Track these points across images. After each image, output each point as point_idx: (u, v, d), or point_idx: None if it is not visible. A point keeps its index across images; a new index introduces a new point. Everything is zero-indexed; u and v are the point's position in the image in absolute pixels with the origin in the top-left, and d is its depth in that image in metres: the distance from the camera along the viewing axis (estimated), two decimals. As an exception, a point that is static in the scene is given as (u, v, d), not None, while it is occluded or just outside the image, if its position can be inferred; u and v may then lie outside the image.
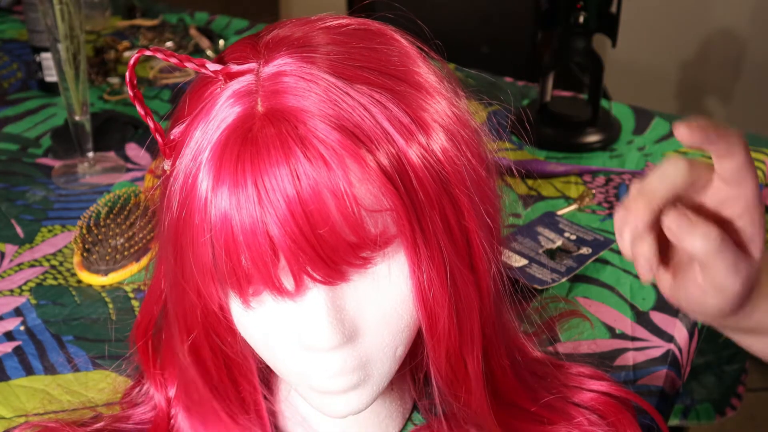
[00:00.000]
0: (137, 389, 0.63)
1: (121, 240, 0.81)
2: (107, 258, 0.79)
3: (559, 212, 0.87)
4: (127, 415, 0.62)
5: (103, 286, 0.79)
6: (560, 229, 0.85)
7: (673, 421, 1.03)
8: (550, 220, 0.87)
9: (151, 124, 0.49)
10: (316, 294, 0.46)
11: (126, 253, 0.80)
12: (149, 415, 0.62)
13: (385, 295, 0.48)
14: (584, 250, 0.82)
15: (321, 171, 0.43)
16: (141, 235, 0.81)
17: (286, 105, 0.44)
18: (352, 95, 0.44)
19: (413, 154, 0.45)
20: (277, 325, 0.49)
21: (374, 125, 0.44)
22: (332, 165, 0.43)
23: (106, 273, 0.79)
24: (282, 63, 0.46)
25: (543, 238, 0.84)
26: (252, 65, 0.46)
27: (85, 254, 0.80)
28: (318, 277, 0.45)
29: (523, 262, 0.80)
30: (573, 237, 0.84)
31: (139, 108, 0.49)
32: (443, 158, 0.47)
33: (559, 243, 0.83)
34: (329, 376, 0.49)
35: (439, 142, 0.47)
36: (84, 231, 0.82)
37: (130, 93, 0.49)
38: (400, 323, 0.49)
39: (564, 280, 0.78)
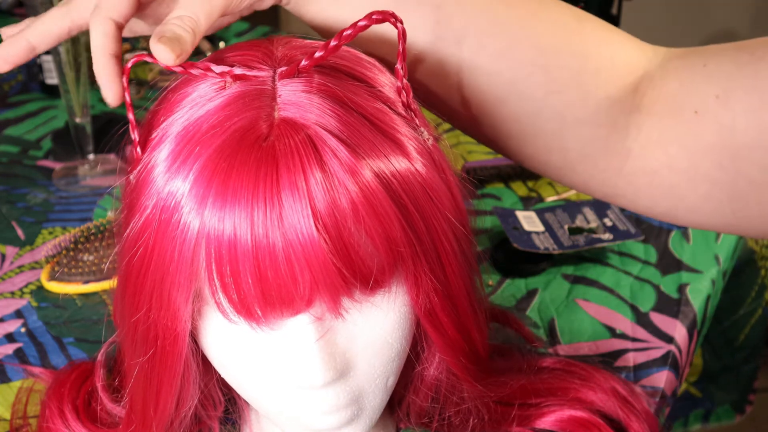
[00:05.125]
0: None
1: (91, 257, 0.80)
2: (73, 271, 0.79)
3: (549, 198, 0.88)
4: None
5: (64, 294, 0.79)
6: (604, 214, 0.86)
7: (695, 426, 1.03)
8: (604, 205, 0.88)
9: (134, 136, 0.47)
10: (307, 328, 0.44)
11: (94, 268, 0.80)
12: None
13: (375, 325, 0.47)
14: (606, 236, 0.82)
15: (339, 189, 0.41)
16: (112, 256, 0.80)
17: (304, 117, 0.42)
18: (359, 119, 0.43)
19: (411, 177, 0.44)
20: (263, 360, 0.46)
21: (376, 146, 0.43)
22: (348, 184, 0.41)
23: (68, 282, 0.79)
24: (304, 75, 0.44)
25: (581, 216, 0.85)
26: (268, 72, 0.45)
27: (56, 267, 0.80)
28: (334, 304, 0.43)
29: (540, 229, 0.81)
30: (609, 224, 0.84)
31: (130, 115, 0.47)
32: (428, 179, 0.46)
33: (593, 225, 0.83)
34: (322, 414, 0.47)
35: (421, 164, 0.46)
36: (62, 245, 0.81)
37: (127, 98, 0.47)
38: (390, 352, 0.48)
39: (559, 251, 0.79)
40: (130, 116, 0.47)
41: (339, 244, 0.41)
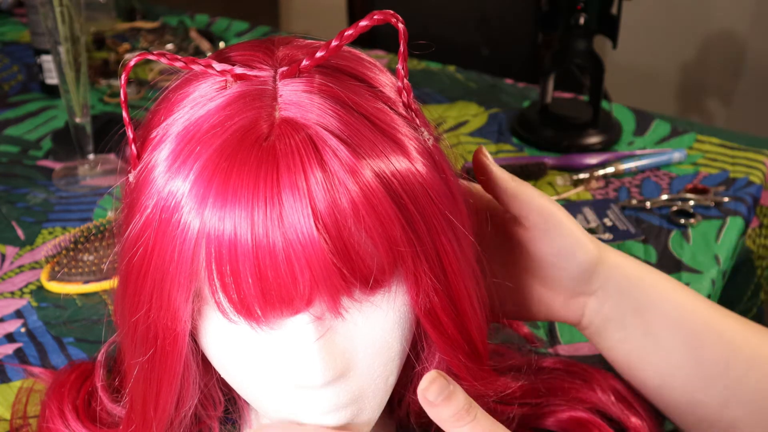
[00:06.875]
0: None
1: (91, 257, 0.80)
2: (73, 271, 0.79)
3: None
4: None
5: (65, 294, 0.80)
6: (604, 214, 0.86)
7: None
8: (604, 205, 0.88)
9: (129, 134, 0.47)
10: (307, 327, 0.44)
11: (94, 268, 0.80)
12: None
13: (375, 325, 0.46)
14: (606, 236, 0.82)
15: (339, 188, 0.41)
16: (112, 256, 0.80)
17: (305, 117, 0.42)
18: (360, 119, 0.43)
19: (411, 177, 0.44)
20: (263, 360, 0.46)
21: (377, 146, 0.43)
22: (348, 183, 0.41)
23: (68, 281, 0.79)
24: (305, 75, 0.44)
25: (581, 217, 0.85)
26: (269, 71, 0.45)
27: (56, 267, 0.80)
28: (335, 303, 0.43)
29: None
30: (609, 224, 0.84)
31: (124, 113, 0.47)
32: (429, 179, 0.45)
33: (593, 225, 0.84)
34: (322, 413, 0.47)
35: (421, 164, 0.45)
36: (62, 245, 0.82)
37: (122, 97, 0.47)
38: (390, 352, 0.48)
39: None
40: (125, 115, 0.47)
41: (339, 243, 0.41)
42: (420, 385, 0.45)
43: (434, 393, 0.45)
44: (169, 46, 1.30)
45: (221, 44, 1.30)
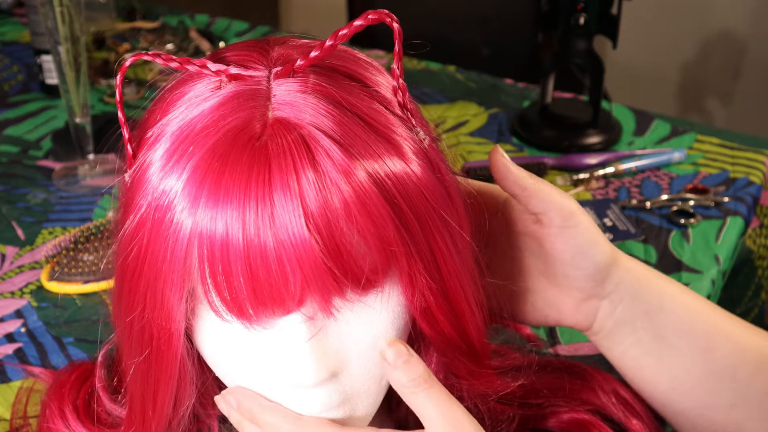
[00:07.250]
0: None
1: (91, 257, 0.80)
2: (73, 271, 0.79)
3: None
4: None
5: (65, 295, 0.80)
6: (604, 214, 0.86)
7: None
8: (604, 205, 0.88)
9: (125, 134, 0.46)
10: (299, 327, 0.44)
11: (94, 268, 0.80)
12: None
13: (368, 325, 0.46)
14: (606, 236, 0.82)
15: (331, 189, 0.41)
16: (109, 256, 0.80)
17: (298, 117, 0.42)
18: (354, 119, 0.43)
19: (406, 177, 0.44)
20: (256, 359, 0.46)
21: (371, 146, 0.43)
22: (340, 184, 0.41)
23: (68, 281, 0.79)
24: (299, 75, 0.44)
25: None
26: (263, 71, 0.45)
27: (56, 267, 0.80)
28: (325, 303, 0.43)
29: None
30: (609, 224, 0.84)
31: (120, 113, 0.47)
32: (424, 179, 0.45)
33: None
34: (315, 413, 0.47)
35: (416, 165, 0.45)
36: (62, 245, 0.82)
37: (117, 97, 0.47)
38: None
39: None
40: (120, 115, 0.47)
41: (330, 244, 0.41)
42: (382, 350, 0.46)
43: (392, 354, 0.46)
44: (169, 46, 1.30)
45: (221, 44, 1.30)
